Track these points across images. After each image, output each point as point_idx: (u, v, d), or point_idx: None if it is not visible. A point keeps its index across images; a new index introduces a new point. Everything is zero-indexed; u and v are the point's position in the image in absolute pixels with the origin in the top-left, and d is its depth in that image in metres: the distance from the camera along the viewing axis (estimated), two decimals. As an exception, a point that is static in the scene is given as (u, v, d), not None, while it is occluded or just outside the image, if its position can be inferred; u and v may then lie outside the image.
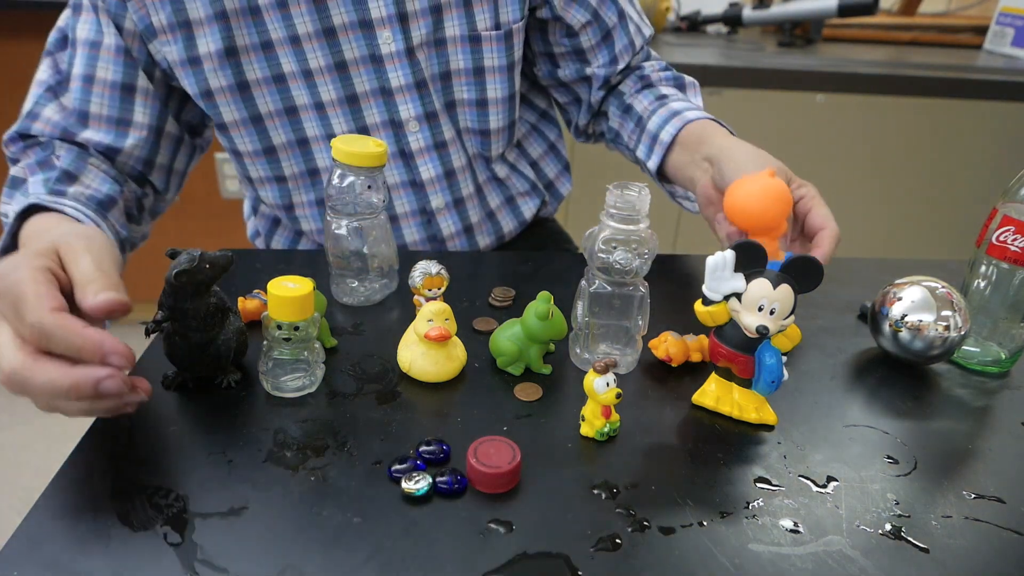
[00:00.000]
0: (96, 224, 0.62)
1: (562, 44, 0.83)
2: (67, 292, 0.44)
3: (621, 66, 0.84)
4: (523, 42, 0.79)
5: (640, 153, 0.81)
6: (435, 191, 0.81)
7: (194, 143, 0.79)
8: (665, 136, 0.77)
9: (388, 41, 0.71)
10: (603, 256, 0.51)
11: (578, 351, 0.57)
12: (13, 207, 0.62)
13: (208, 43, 0.68)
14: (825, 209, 0.62)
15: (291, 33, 0.69)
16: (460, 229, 0.85)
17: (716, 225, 0.67)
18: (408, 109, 0.75)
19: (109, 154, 0.71)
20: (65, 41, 0.71)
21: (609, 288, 0.53)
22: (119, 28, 0.68)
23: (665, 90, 0.83)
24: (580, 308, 0.55)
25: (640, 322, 0.55)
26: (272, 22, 0.68)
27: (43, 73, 0.71)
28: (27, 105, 0.71)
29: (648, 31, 0.86)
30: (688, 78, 0.87)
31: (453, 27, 0.73)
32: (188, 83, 0.70)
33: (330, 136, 0.75)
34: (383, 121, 0.76)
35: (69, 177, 0.66)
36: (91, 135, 0.70)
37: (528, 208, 0.91)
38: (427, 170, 0.80)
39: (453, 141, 0.80)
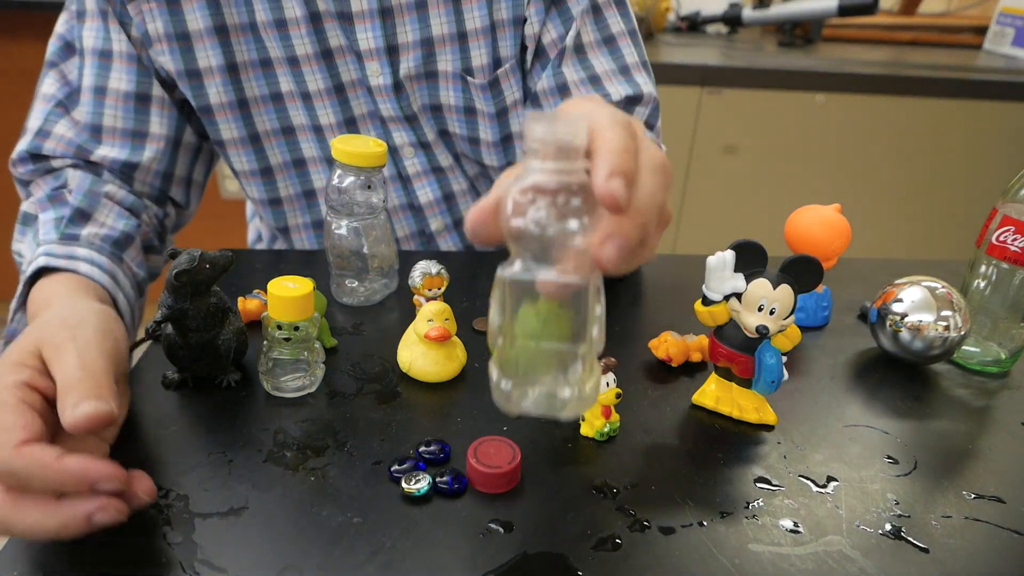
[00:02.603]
0: (111, 274, 0.58)
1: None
2: (53, 400, 0.39)
3: None
4: (521, 83, 0.73)
5: None
6: (434, 214, 0.80)
7: (211, 150, 0.76)
8: None
9: (376, 74, 0.69)
10: (517, 221, 0.31)
11: (496, 378, 0.36)
12: (26, 257, 0.59)
13: (209, 57, 0.66)
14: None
15: (290, 54, 0.67)
16: (461, 248, 0.85)
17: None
18: (402, 136, 0.74)
19: (126, 171, 0.67)
20: (69, 50, 0.66)
21: (529, 275, 0.32)
22: (128, 35, 0.65)
23: None
24: (494, 309, 0.35)
25: (595, 332, 0.34)
26: (271, 40, 0.67)
27: (50, 86, 0.66)
28: (34, 122, 0.65)
29: (627, 91, 0.71)
30: None
31: (446, 62, 0.70)
32: (188, 96, 0.68)
33: (327, 158, 0.74)
34: None
35: (82, 216, 0.61)
36: (106, 151, 0.66)
37: None
38: (425, 194, 0.78)
39: (452, 168, 0.78)
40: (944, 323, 0.56)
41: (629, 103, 0.72)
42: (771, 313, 0.46)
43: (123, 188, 0.66)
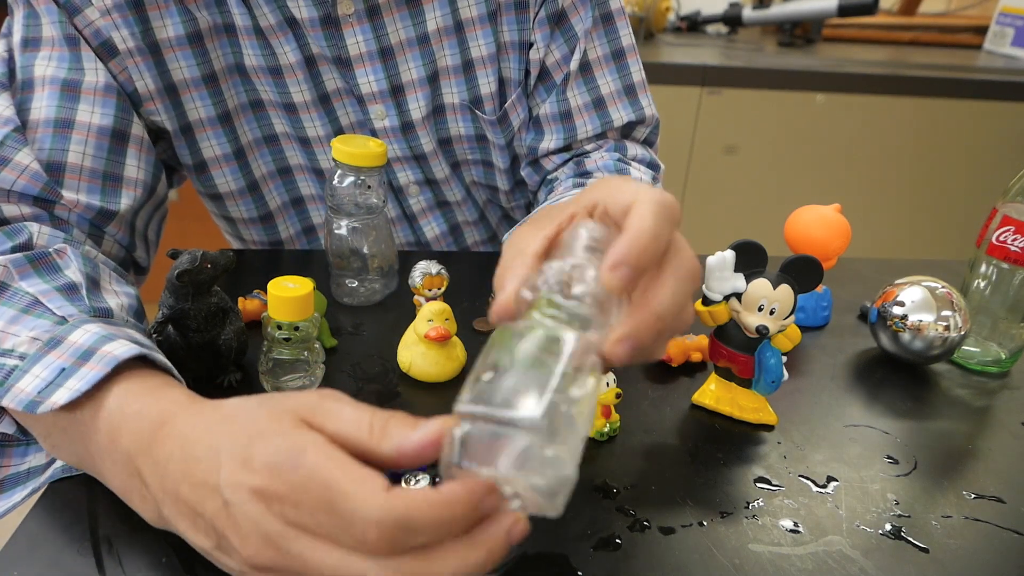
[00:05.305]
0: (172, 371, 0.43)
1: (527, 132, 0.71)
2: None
3: (567, 155, 0.71)
4: (527, 106, 0.71)
5: None
6: (441, 247, 0.80)
7: (166, 207, 0.66)
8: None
9: (381, 116, 0.67)
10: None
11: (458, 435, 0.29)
12: (19, 339, 0.41)
13: (198, 109, 0.63)
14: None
15: (286, 100, 0.65)
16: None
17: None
18: (407, 175, 0.72)
19: (100, 222, 0.55)
20: (11, 77, 0.55)
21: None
22: (108, 67, 0.57)
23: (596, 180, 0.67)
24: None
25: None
26: (263, 84, 0.64)
27: (2, 108, 0.53)
28: None
29: (630, 116, 0.70)
30: (636, 175, 0.68)
31: (452, 95, 0.68)
32: (182, 154, 0.65)
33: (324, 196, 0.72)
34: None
35: (94, 284, 0.48)
36: (74, 195, 0.53)
37: None
38: (431, 229, 0.78)
39: (461, 202, 0.76)
40: (944, 323, 0.56)
41: (630, 127, 0.71)
42: (771, 313, 0.46)
43: (95, 248, 0.55)
